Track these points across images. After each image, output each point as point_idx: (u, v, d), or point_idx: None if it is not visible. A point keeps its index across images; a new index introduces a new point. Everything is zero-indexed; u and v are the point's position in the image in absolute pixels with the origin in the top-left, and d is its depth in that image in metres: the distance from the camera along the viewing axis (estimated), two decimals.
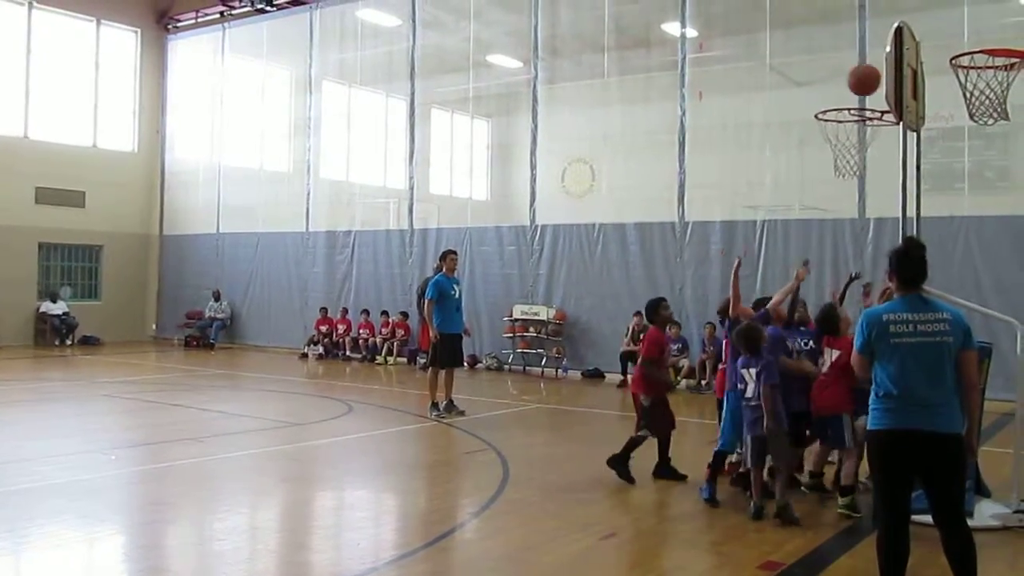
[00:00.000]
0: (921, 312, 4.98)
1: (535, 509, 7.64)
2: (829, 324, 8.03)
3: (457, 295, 12.80)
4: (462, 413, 12.56)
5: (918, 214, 8.05)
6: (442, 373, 12.64)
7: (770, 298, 8.63)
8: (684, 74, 17.39)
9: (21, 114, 23.15)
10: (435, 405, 12.55)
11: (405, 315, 20.34)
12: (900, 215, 7.88)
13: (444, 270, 12.88)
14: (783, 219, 16.38)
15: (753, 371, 7.42)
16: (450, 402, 12.63)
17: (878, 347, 5.00)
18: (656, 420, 8.72)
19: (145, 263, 26.01)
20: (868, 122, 10.14)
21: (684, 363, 16.42)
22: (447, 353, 12.58)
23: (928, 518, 5.96)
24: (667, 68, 17.89)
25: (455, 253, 13.27)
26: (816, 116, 9.82)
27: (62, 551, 6.50)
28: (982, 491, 7.48)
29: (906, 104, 7.59)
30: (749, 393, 7.45)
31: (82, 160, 24.14)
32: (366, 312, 21.07)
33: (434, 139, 25.23)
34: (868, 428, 5.10)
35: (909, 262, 5.10)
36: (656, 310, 9.10)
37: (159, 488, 8.51)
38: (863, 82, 8.58)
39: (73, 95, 24.34)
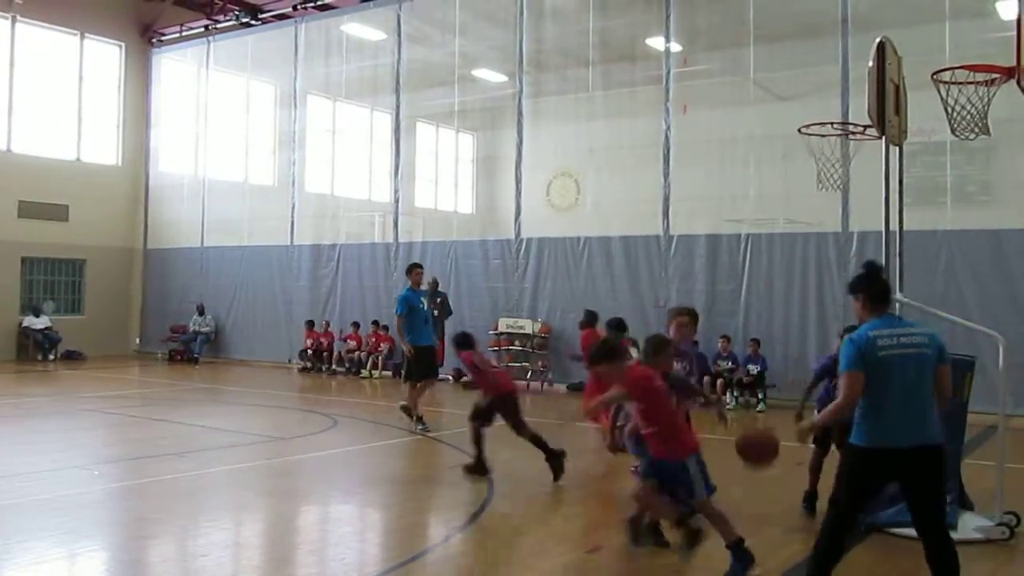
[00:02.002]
0: (900, 327, 5.14)
1: (520, 523, 7.63)
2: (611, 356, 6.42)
3: (425, 307, 12.98)
4: (422, 424, 12.52)
5: (901, 227, 8.11)
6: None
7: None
8: (668, 88, 17.46)
9: (4, 128, 23.02)
10: (419, 419, 12.56)
11: (387, 328, 20.31)
12: (883, 228, 7.93)
13: (410, 284, 13.04)
14: (767, 232, 16.45)
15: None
16: (412, 410, 12.65)
17: (869, 363, 5.02)
18: None
19: (129, 277, 25.89)
20: (851, 136, 10.20)
21: None
22: (422, 366, 12.68)
23: (910, 531, 5.97)
24: (651, 82, 17.96)
25: (420, 266, 13.51)
26: (800, 130, 9.89)
27: (45, 567, 6.44)
28: (965, 504, 7.51)
29: (888, 119, 7.64)
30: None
31: (66, 174, 24.02)
32: (356, 324, 20.99)
33: (419, 153, 25.31)
34: (856, 443, 5.10)
35: (879, 284, 5.30)
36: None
37: (142, 504, 8.45)
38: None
39: (57, 109, 24.24)
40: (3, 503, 8.06)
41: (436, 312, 17.24)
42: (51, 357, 23.02)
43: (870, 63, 7.72)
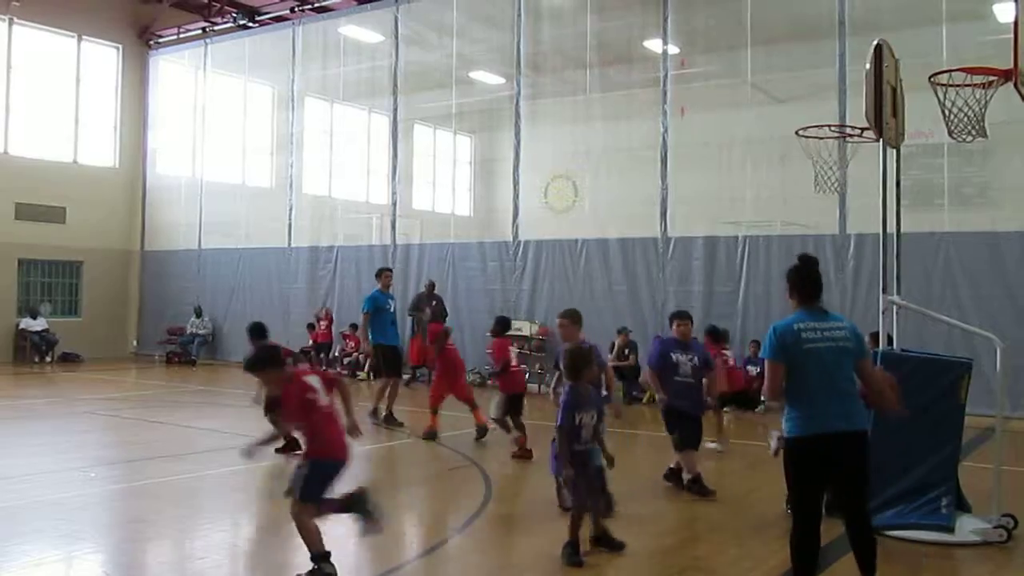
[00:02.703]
0: (824, 321, 5.37)
1: (518, 525, 7.63)
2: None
3: (391, 309, 13.61)
4: (400, 425, 12.96)
5: (898, 230, 8.12)
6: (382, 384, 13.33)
7: None
8: (666, 91, 17.47)
9: (1, 130, 23.02)
10: (375, 412, 13.07)
11: None
12: (881, 231, 7.95)
13: (379, 286, 13.66)
14: (765, 235, 16.46)
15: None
16: (390, 414, 13.11)
17: (793, 355, 5.24)
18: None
19: (126, 279, 25.87)
20: (848, 139, 10.20)
21: None
22: (389, 364, 13.28)
23: (908, 533, 5.99)
24: (649, 84, 17.96)
25: (390, 270, 14.39)
26: (797, 132, 9.88)
27: (42, 570, 6.43)
28: (962, 506, 7.50)
29: (886, 121, 7.66)
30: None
31: (63, 176, 24.00)
32: (354, 327, 20.95)
33: (417, 155, 25.32)
34: (792, 434, 5.31)
35: (809, 278, 5.47)
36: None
37: (139, 506, 8.44)
38: None
39: (54, 111, 24.24)
40: (0, 505, 8.05)
41: (429, 314, 17.53)
42: (48, 359, 22.98)
43: (867, 65, 7.74)
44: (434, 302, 18.07)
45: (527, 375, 12.07)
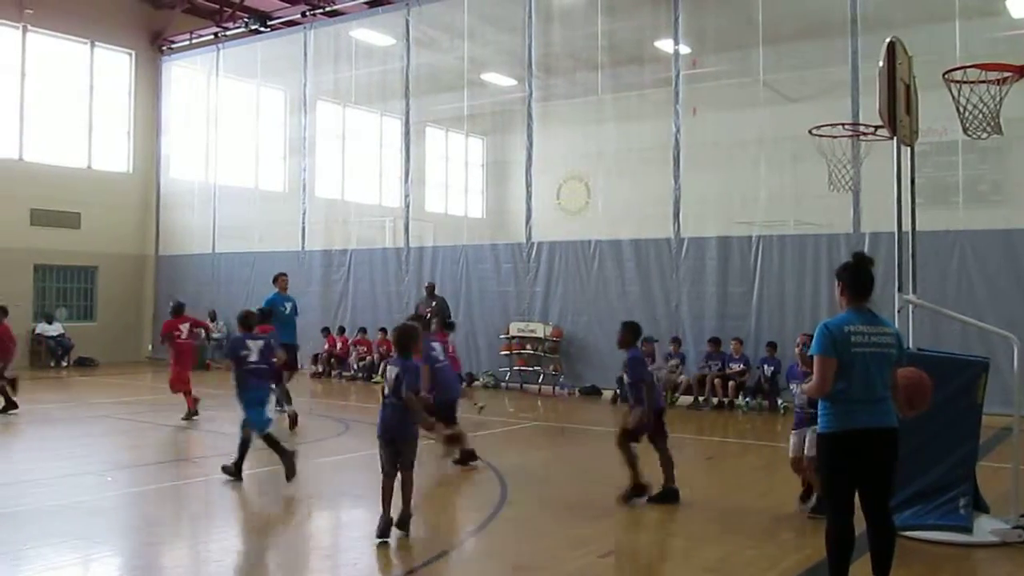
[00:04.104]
0: (873, 325, 5.39)
1: (533, 527, 7.61)
2: None
3: (287, 311, 14.66)
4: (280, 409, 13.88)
5: (913, 228, 8.07)
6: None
7: None
8: (678, 91, 17.44)
9: (16, 136, 23.16)
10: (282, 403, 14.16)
11: None
12: (895, 229, 7.90)
13: (277, 289, 14.92)
14: (778, 234, 16.40)
15: (394, 371, 7.42)
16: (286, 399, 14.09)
17: (841, 355, 5.27)
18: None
19: (141, 284, 25.98)
20: (862, 137, 10.17)
21: (683, 379, 16.42)
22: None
23: (926, 534, 5.94)
24: (661, 85, 17.93)
25: (285, 275, 15.53)
26: (810, 131, 9.85)
27: (58, 574, 6.45)
28: (980, 506, 7.45)
29: (899, 119, 7.61)
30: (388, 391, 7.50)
31: (77, 181, 24.12)
32: (363, 330, 21.02)
33: (429, 157, 25.34)
34: (827, 430, 5.38)
35: (861, 277, 5.47)
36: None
37: (154, 509, 8.46)
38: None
39: (68, 117, 24.37)
40: (16, 509, 8.07)
41: (428, 315, 17.77)
42: (64, 364, 23.10)
43: (880, 63, 7.69)
44: (434, 303, 18.25)
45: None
